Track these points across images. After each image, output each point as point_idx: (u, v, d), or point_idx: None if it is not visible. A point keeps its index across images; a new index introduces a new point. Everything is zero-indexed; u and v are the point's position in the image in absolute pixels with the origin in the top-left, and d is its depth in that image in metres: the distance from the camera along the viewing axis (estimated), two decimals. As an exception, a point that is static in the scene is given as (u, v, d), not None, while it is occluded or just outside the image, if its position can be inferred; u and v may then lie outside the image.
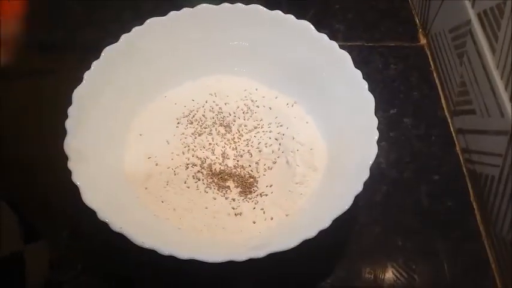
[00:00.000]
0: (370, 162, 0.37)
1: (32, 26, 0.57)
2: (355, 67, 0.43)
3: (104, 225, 0.34)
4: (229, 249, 0.36)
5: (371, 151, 0.38)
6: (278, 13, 0.46)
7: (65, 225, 0.42)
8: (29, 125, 0.49)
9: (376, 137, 0.39)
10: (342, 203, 0.35)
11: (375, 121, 0.40)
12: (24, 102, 0.50)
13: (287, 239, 0.34)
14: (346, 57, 0.43)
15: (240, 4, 0.47)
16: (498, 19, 0.42)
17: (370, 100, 0.41)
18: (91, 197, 0.34)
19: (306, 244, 0.34)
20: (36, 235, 0.41)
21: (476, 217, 0.45)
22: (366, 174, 0.37)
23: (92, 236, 0.41)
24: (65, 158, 0.38)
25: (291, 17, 0.46)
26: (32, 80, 0.52)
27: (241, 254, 0.33)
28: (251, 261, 0.33)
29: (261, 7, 0.46)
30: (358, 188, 0.36)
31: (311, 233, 0.34)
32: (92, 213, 0.34)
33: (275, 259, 0.34)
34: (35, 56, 0.55)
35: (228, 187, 0.42)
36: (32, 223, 0.42)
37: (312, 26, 0.45)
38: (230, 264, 0.33)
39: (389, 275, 0.42)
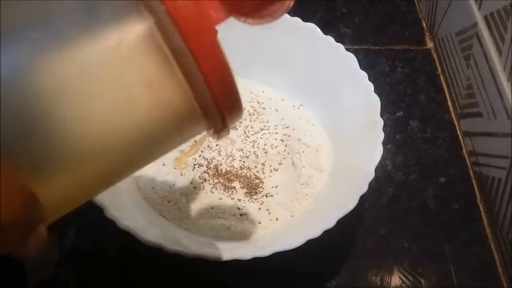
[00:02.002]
0: (375, 163, 0.38)
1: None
2: (362, 70, 0.44)
3: (111, 223, 0.34)
4: (233, 248, 0.36)
5: (376, 152, 0.38)
6: (285, 16, 0.46)
7: (72, 223, 0.43)
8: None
9: (382, 138, 0.39)
10: (347, 204, 0.35)
11: (380, 122, 0.40)
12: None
13: (291, 239, 0.34)
14: (352, 59, 0.44)
15: (247, 7, 0.47)
16: (505, 21, 0.42)
17: (375, 101, 0.41)
18: (98, 195, 0.35)
19: (311, 245, 0.34)
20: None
21: (483, 220, 0.45)
22: (371, 175, 0.37)
23: (98, 233, 0.41)
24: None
25: (298, 19, 0.46)
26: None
27: (245, 253, 0.33)
28: (256, 261, 0.34)
29: (268, 10, 0.47)
30: (363, 188, 0.36)
31: (316, 233, 0.34)
32: (99, 211, 0.35)
33: (280, 259, 0.34)
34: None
35: (234, 188, 0.42)
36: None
37: (318, 28, 0.46)
38: (235, 264, 0.34)
39: (394, 277, 0.42)
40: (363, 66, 0.44)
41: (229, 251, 0.34)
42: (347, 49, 0.45)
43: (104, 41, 0.20)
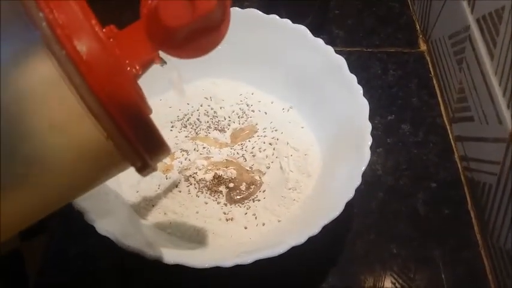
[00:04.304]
0: (363, 169, 0.37)
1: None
2: (354, 73, 0.43)
3: (93, 227, 0.34)
4: (217, 254, 0.35)
5: (364, 157, 0.37)
6: (274, 17, 0.46)
7: (58, 226, 0.42)
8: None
9: (369, 143, 0.38)
10: (333, 210, 0.35)
11: (368, 126, 0.39)
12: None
13: (276, 246, 0.33)
14: (341, 62, 0.43)
15: (236, 8, 0.46)
16: (496, 25, 0.42)
17: (364, 105, 0.40)
18: (80, 199, 0.34)
19: (298, 249, 0.34)
20: (31, 232, 0.41)
21: (474, 226, 0.45)
22: (357, 181, 0.36)
23: (85, 236, 0.40)
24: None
25: (287, 21, 0.45)
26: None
27: (228, 260, 0.32)
28: (240, 267, 0.33)
29: (258, 11, 0.46)
30: (350, 194, 0.35)
31: (300, 239, 0.33)
32: (81, 214, 0.34)
33: (267, 266, 0.33)
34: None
35: (221, 192, 0.42)
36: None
37: (308, 30, 0.45)
38: (218, 270, 0.33)
39: (384, 282, 0.41)
40: (355, 68, 0.43)
41: (212, 257, 0.33)
42: (339, 51, 0.44)
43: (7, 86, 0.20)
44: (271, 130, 0.45)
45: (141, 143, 0.22)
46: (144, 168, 0.23)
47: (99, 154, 0.22)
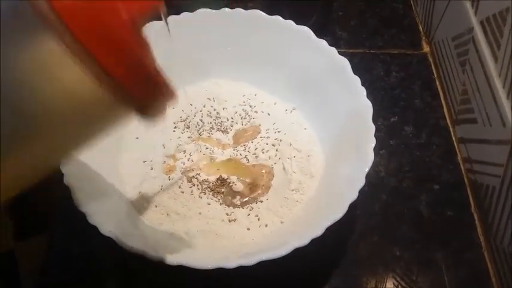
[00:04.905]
0: (366, 170, 0.37)
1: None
2: (357, 74, 0.43)
3: (96, 228, 0.34)
4: (220, 255, 0.35)
5: (367, 159, 0.37)
6: (278, 19, 0.46)
7: (61, 226, 0.42)
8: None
9: (373, 144, 0.38)
10: (337, 211, 0.35)
11: (372, 128, 0.39)
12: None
13: (279, 247, 0.33)
14: (345, 63, 0.43)
15: (239, 9, 0.46)
16: (500, 26, 0.42)
17: (368, 107, 0.40)
18: (82, 199, 0.34)
19: (301, 251, 0.34)
20: (27, 233, 0.41)
21: (477, 228, 0.44)
22: (361, 182, 0.36)
23: (87, 236, 0.40)
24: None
25: (291, 22, 0.45)
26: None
27: (231, 261, 0.32)
28: (243, 269, 0.33)
29: (261, 12, 0.46)
30: (353, 196, 0.35)
31: (303, 241, 0.33)
32: (84, 215, 0.34)
33: (270, 267, 0.33)
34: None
35: (223, 193, 0.42)
36: (23, 222, 0.42)
37: (311, 32, 0.45)
38: (221, 271, 0.33)
39: (386, 285, 0.41)
40: (358, 70, 0.43)
41: (214, 258, 0.33)
42: (342, 52, 0.44)
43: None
44: (274, 131, 0.45)
45: (132, 83, 0.21)
46: (143, 110, 0.22)
47: (94, 101, 0.21)
